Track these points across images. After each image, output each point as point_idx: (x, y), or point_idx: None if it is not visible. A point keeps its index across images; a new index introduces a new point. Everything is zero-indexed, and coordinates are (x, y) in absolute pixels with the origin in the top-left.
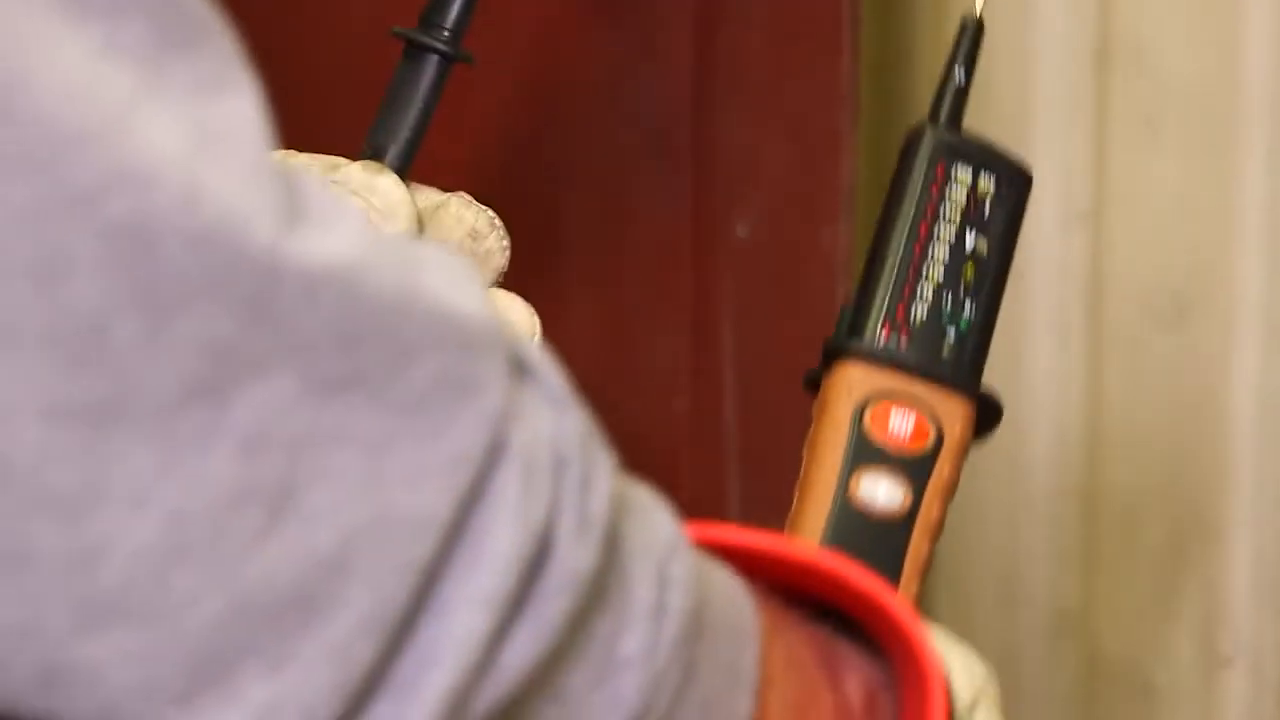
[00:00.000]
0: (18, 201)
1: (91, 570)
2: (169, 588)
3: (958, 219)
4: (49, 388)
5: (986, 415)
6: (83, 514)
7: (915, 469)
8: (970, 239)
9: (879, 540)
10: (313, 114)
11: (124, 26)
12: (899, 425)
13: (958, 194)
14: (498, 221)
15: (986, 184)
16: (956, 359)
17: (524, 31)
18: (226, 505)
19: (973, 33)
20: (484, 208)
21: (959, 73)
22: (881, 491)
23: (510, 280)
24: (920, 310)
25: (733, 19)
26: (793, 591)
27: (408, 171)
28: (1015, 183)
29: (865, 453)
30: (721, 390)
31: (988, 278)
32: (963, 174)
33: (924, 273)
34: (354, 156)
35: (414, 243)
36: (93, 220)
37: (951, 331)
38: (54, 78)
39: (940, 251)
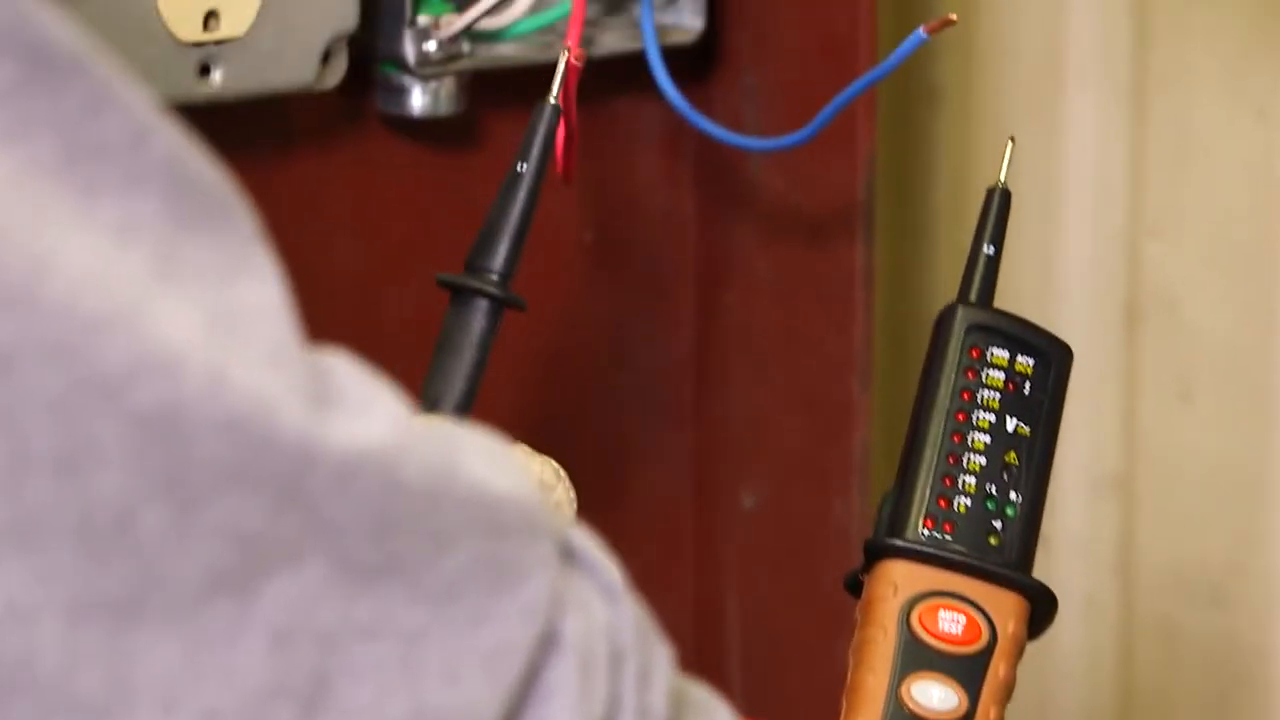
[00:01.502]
0: (43, 392)
1: None
2: None
3: (996, 403)
4: (73, 584)
5: (1040, 608)
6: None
7: (968, 671)
8: (1011, 423)
9: None
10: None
11: (139, 204)
12: (949, 626)
13: (995, 377)
14: (563, 473)
15: (1024, 363)
16: (1005, 550)
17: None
18: (258, 702)
19: (1000, 201)
20: (547, 459)
21: (988, 246)
22: (935, 697)
23: None
24: (963, 501)
25: (739, 279)
26: None
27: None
28: (1054, 359)
29: (915, 657)
30: (727, 671)
31: (1033, 462)
32: (999, 355)
33: (964, 462)
34: None
35: (450, 425)
36: (119, 410)
37: (998, 522)
38: (73, 263)
39: (980, 439)
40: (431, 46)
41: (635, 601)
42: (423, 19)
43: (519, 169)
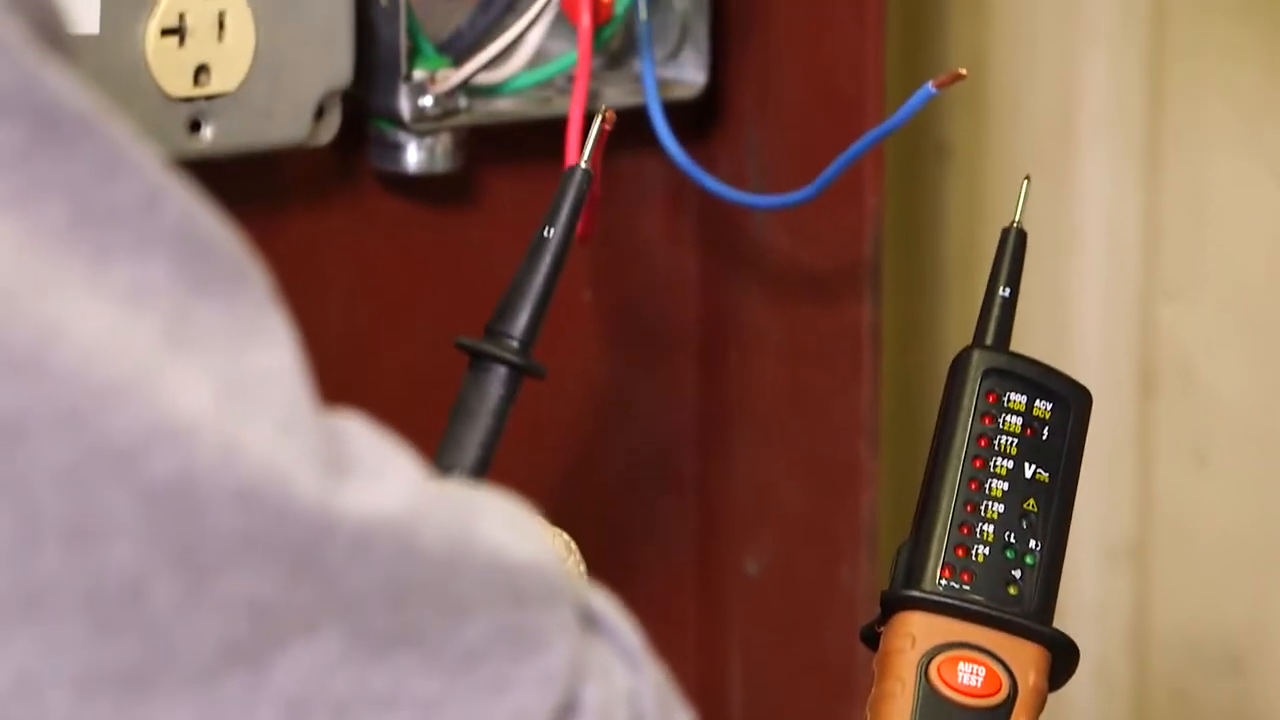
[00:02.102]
0: (53, 461)
1: None
2: None
3: (1014, 449)
4: (83, 655)
5: (1060, 658)
6: None
7: None
8: (1029, 469)
9: None
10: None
11: (150, 269)
12: (968, 678)
13: (1012, 422)
14: (574, 545)
15: (1043, 408)
16: (1024, 600)
17: None
18: None
19: (1015, 241)
20: (559, 530)
21: (1003, 288)
22: None
23: None
24: (981, 550)
25: (742, 339)
26: None
27: None
28: (1073, 403)
29: (935, 710)
30: None
31: (1052, 509)
32: (1016, 399)
33: (982, 510)
34: None
35: (468, 488)
36: (131, 480)
37: (1017, 571)
38: (83, 330)
39: (998, 486)
40: (427, 102)
41: (656, 666)
42: (418, 74)
43: (545, 233)
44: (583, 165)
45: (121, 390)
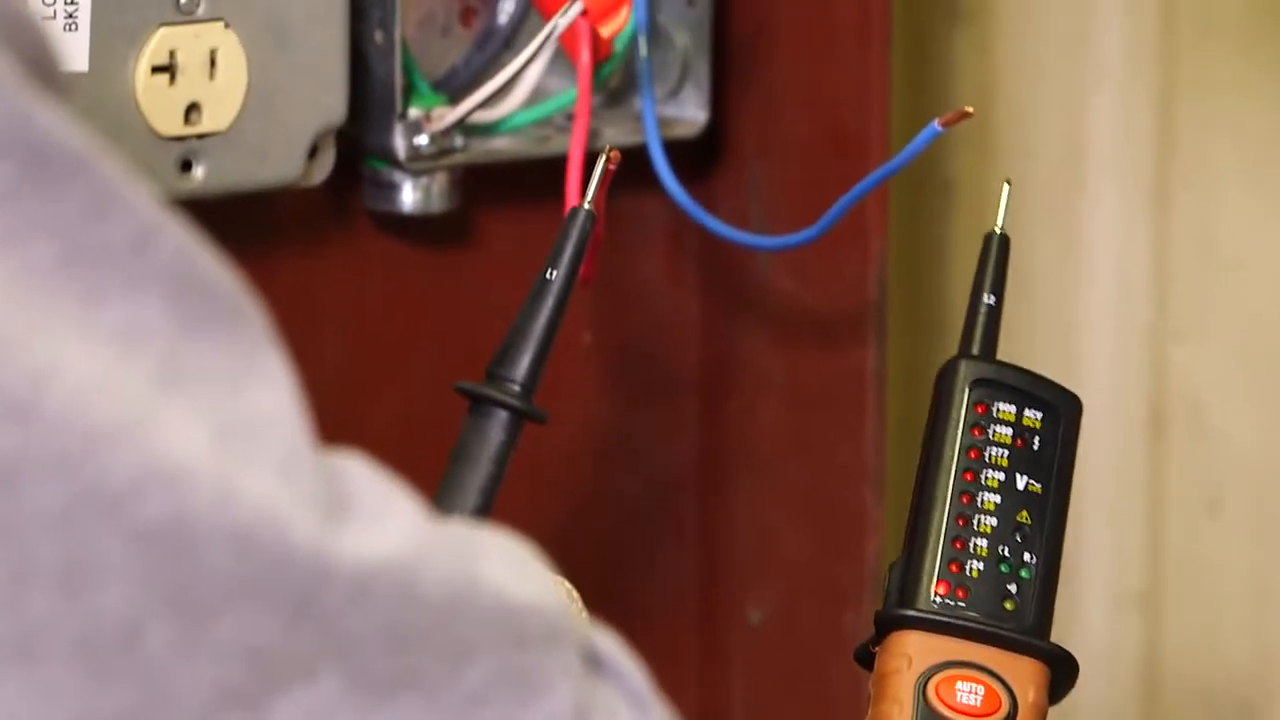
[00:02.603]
0: (46, 506)
1: None
2: None
3: (1005, 461)
4: (75, 702)
5: (1060, 672)
6: None
7: None
8: (1022, 481)
9: None
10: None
11: (144, 309)
12: (967, 698)
13: (1002, 433)
14: (575, 594)
15: (1032, 417)
16: (1021, 614)
17: None
18: None
19: (999, 248)
20: (560, 579)
21: (988, 296)
22: None
23: None
24: (975, 565)
25: (745, 384)
26: None
27: None
28: (1063, 411)
29: None
30: None
31: (1046, 521)
32: (1005, 410)
33: (975, 524)
34: None
35: (470, 528)
36: (125, 523)
37: (1013, 585)
38: (75, 372)
39: (990, 499)
40: (423, 141)
41: (665, 708)
42: (414, 112)
43: (548, 275)
44: (586, 206)
45: (114, 433)
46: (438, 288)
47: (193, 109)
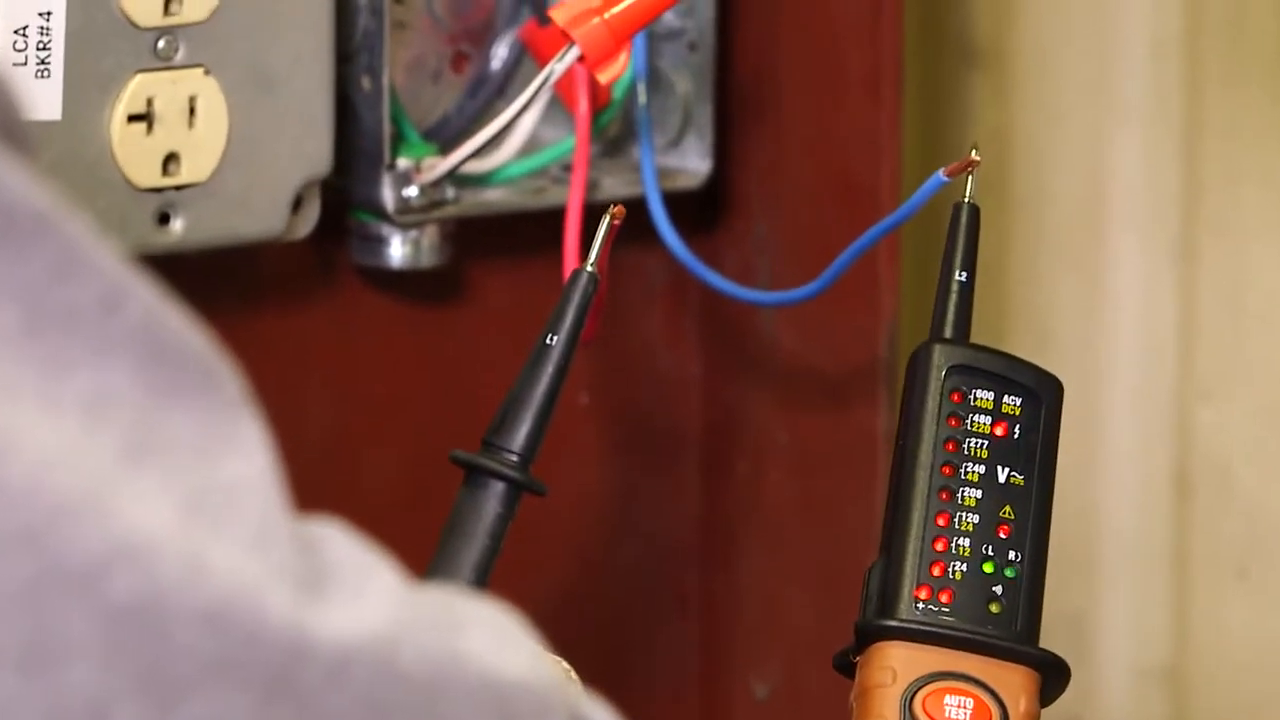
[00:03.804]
0: (7, 581)
1: None
2: None
3: (985, 452)
4: None
5: (1051, 677)
6: None
7: None
8: (1003, 473)
9: None
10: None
11: (111, 376)
12: (956, 712)
13: (980, 423)
14: (574, 673)
15: (1011, 404)
16: (1008, 617)
17: None
18: None
19: (968, 219)
20: (557, 658)
21: (959, 272)
22: None
23: None
24: (958, 567)
25: (749, 446)
26: None
27: None
28: (1044, 396)
29: None
30: None
31: (1030, 514)
32: (983, 397)
33: (956, 522)
34: None
35: (455, 598)
36: (91, 601)
37: (998, 587)
38: (36, 444)
39: (970, 494)
40: (412, 192)
41: None
42: (402, 162)
43: (549, 341)
44: (589, 269)
45: (78, 508)
46: (428, 347)
47: (171, 159)
